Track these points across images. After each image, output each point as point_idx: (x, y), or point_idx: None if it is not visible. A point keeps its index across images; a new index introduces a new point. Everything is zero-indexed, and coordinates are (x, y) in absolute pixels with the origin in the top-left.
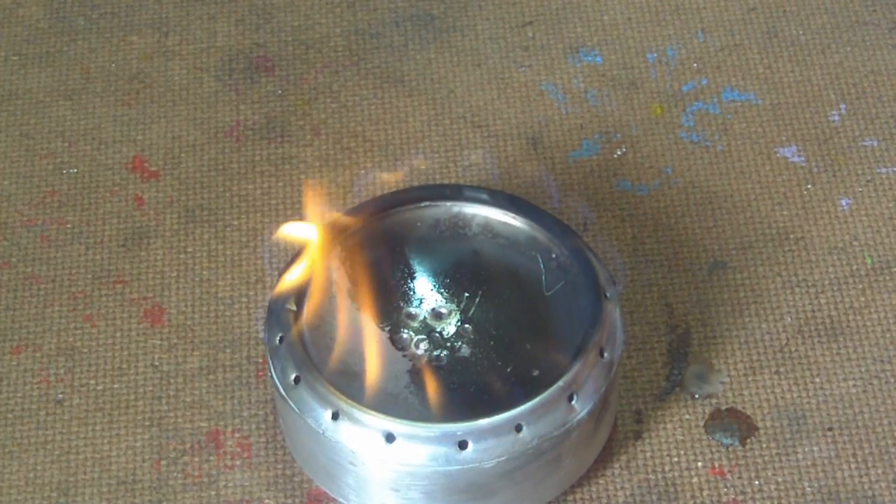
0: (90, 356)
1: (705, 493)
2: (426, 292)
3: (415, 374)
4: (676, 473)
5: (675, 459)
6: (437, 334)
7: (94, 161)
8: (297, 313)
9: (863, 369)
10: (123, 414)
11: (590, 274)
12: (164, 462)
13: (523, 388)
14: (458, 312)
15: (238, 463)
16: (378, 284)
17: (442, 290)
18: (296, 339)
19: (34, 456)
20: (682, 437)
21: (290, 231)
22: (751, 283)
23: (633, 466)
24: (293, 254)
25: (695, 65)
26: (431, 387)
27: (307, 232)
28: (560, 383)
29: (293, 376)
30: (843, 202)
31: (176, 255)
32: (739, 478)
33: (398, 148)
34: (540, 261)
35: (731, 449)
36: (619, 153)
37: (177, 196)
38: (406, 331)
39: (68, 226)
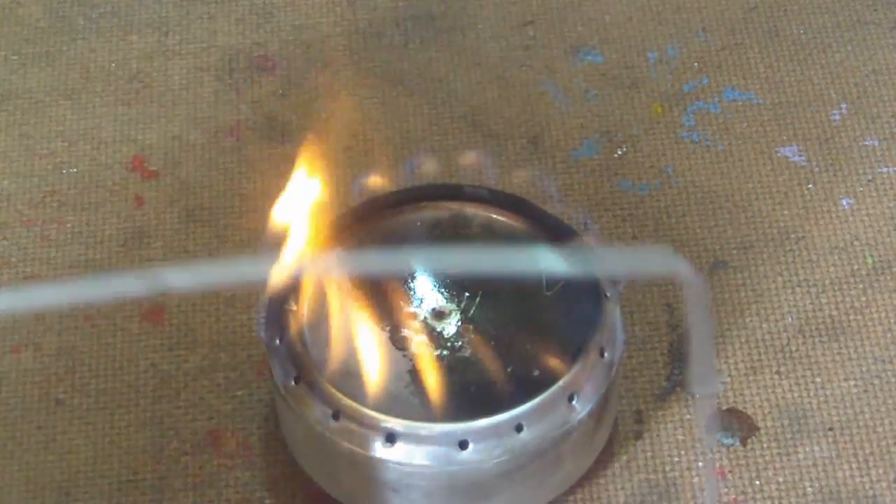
0: (90, 356)
1: (706, 493)
2: (426, 292)
3: (415, 374)
4: (677, 474)
5: (676, 459)
6: (438, 334)
7: (93, 161)
8: (297, 313)
9: (864, 369)
10: (124, 414)
11: (590, 274)
12: (164, 462)
13: (524, 389)
14: (459, 312)
15: (238, 463)
16: (378, 284)
17: (442, 290)
18: (295, 339)
19: (34, 456)
20: (682, 438)
21: (278, 219)
22: (751, 283)
23: (633, 466)
24: (293, 254)
25: (696, 64)
26: (432, 387)
27: (293, 218)
28: (560, 383)
29: (293, 376)
30: (845, 202)
31: (176, 254)
32: (740, 478)
33: (398, 148)
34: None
35: (731, 449)
36: (619, 153)
37: (177, 196)
38: (406, 330)
39: (68, 225)
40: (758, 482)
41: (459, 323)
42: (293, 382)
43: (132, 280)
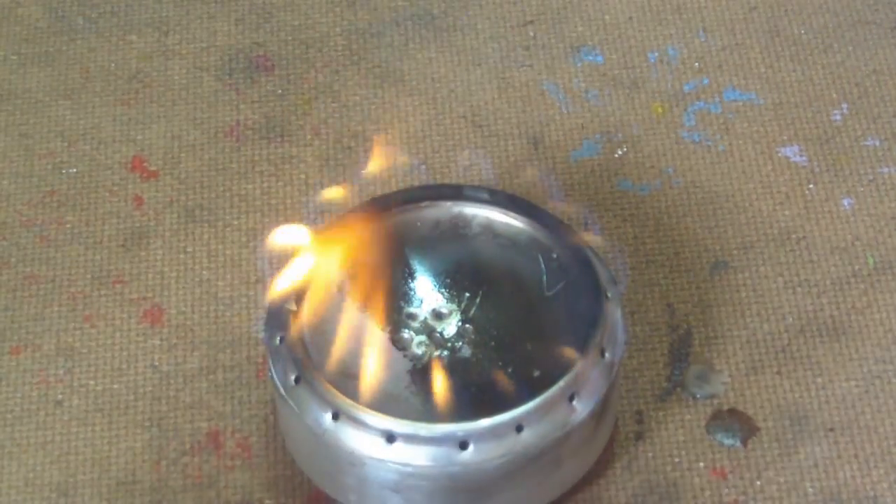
0: (89, 356)
1: (707, 493)
2: (427, 292)
3: (415, 375)
4: (678, 474)
5: (677, 460)
6: (438, 334)
7: (93, 161)
8: (297, 313)
9: (865, 370)
10: (123, 414)
11: (591, 274)
12: (163, 463)
13: (524, 389)
14: (459, 312)
15: (238, 463)
16: (378, 284)
17: (442, 291)
18: (296, 339)
19: (33, 457)
20: (683, 438)
21: (282, 237)
22: (752, 283)
23: (634, 467)
24: (293, 254)
25: (696, 64)
26: (432, 387)
27: (299, 237)
28: (561, 384)
29: (293, 377)
30: (845, 202)
31: (175, 255)
32: (741, 478)
33: (398, 148)
34: (540, 261)
35: (732, 450)
36: (620, 153)
37: (176, 196)
38: (406, 331)
39: (67, 226)
40: (758, 483)
41: (459, 323)
42: (293, 383)
43: None
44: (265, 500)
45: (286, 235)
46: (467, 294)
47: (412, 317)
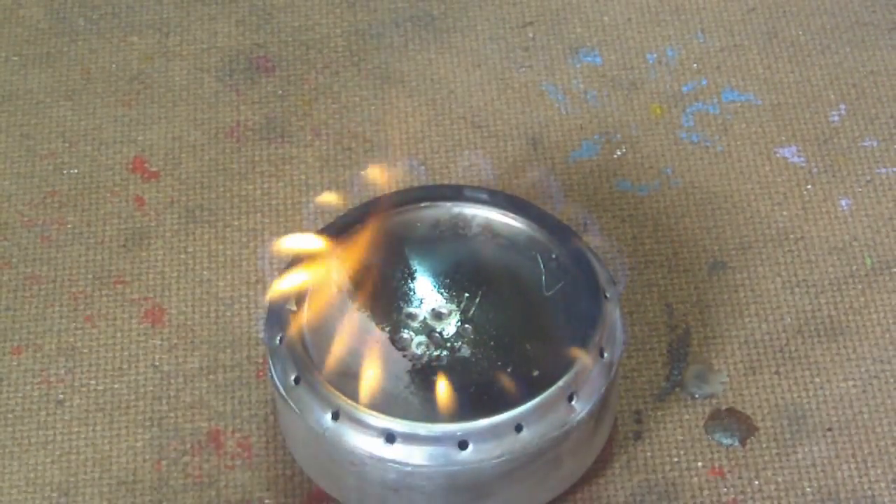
0: (91, 356)
1: (705, 493)
2: (426, 292)
3: (415, 375)
4: (676, 474)
5: (675, 460)
6: (438, 334)
7: (94, 161)
8: (297, 313)
9: (862, 369)
10: (124, 414)
11: (590, 274)
12: (164, 462)
13: (523, 389)
14: (458, 313)
15: (238, 463)
16: (378, 284)
17: (442, 291)
18: (296, 339)
19: (35, 456)
20: (681, 438)
21: (290, 243)
22: (751, 284)
23: (632, 467)
24: (293, 254)
25: (694, 65)
26: (431, 387)
27: (306, 243)
28: (560, 383)
29: (293, 376)
30: (843, 202)
31: (176, 255)
32: (739, 478)
33: (398, 148)
34: (540, 261)
35: (730, 449)
36: (618, 153)
37: (177, 196)
38: (406, 331)
39: (69, 226)
40: (757, 482)
41: (459, 323)
42: (293, 382)
43: None
44: (265, 499)
45: (293, 241)
46: (467, 294)
47: (412, 317)
